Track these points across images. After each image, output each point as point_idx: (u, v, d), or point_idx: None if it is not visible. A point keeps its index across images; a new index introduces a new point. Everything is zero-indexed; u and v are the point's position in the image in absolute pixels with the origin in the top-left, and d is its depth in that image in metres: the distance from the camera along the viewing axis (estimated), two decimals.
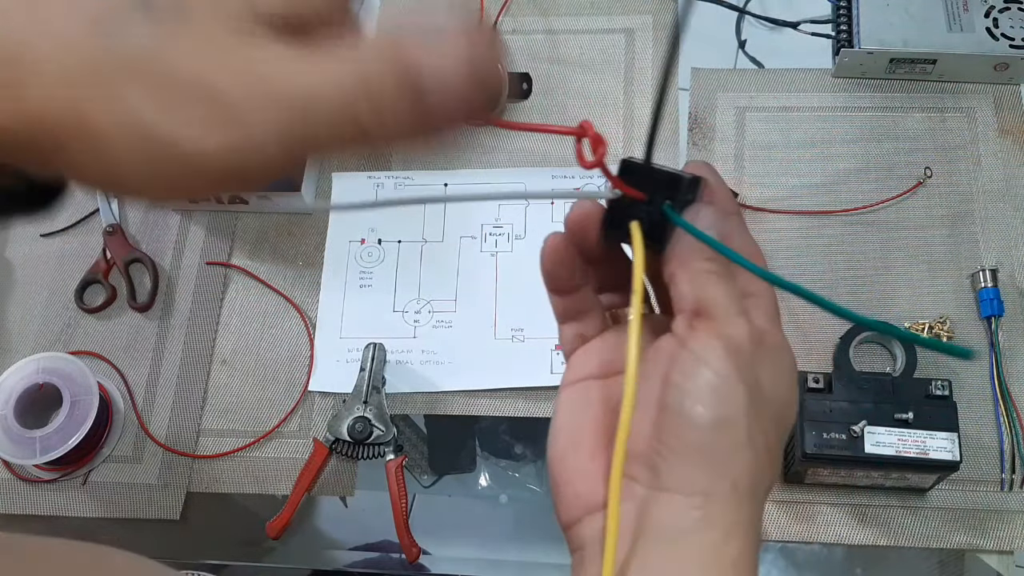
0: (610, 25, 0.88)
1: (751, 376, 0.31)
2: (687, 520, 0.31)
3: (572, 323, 0.38)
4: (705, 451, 0.31)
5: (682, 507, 0.31)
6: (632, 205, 0.34)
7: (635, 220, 0.33)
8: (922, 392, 0.64)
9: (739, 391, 0.31)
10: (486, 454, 0.74)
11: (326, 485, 0.73)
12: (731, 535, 0.30)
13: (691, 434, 0.31)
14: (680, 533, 0.31)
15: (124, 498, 0.73)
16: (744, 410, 0.31)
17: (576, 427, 0.35)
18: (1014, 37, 0.78)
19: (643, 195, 0.33)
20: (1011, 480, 0.68)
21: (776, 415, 0.33)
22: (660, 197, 0.33)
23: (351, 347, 0.76)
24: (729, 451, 0.31)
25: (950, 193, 0.78)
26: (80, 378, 0.71)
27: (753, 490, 0.31)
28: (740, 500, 0.31)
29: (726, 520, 0.31)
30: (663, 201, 0.33)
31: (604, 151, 0.32)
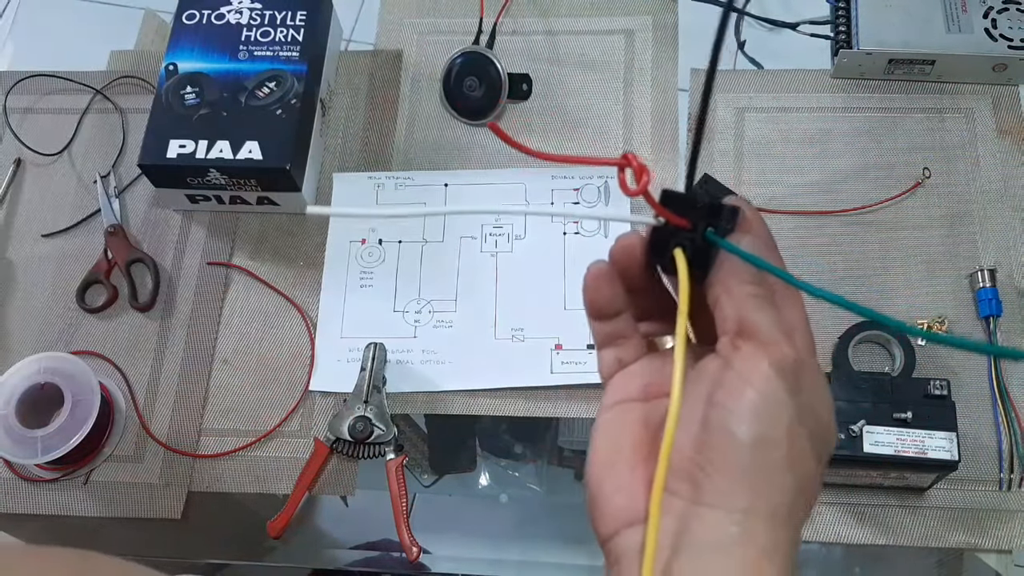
0: (610, 26, 0.88)
1: (794, 399, 0.32)
2: (726, 535, 0.31)
3: (611, 348, 0.39)
4: (747, 470, 0.31)
5: (722, 522, 0.31)
6: (674, 232, 0.35)
7: (678, 247, 0.35)
8: (921, 392, 0.64)
9: (783, 412, 0.32)
10: (486, 454, 0.75)
11: (327, 484, 0.73)
12: (770, 554, 0.31)
13: (733, 452, 0.31)
14: (718, 548, 0.31)
15: (125, 497, 0.73)
16: (786, 431, 0.32)
17: (616, 446, 0.36)
18: (1012, 38, 0.79)
19: (686, 222, 0.35)
20: (1009, 479, 0.68)
21: (817, 439, 0.33)
22: (702, 224, 0.35)
23: (352, 347, 0.76)
24: (770, 471, 0.31)
25: (948, 193, 0.78)
26: (81, 378, 0.71)
27: (791, 514, 0.32)
28: (781, 520, 0.31)
29: (765, 539, 0.31)
30: (705, 228, 0.34)
31: (648, 181, 0.34)
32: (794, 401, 0.32)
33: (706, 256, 0.35)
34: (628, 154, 0.34)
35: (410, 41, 0.90)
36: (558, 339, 0.75)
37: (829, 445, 0.35)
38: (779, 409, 0.32)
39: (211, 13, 0.83)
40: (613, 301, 0.38)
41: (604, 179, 0.80)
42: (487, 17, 0.88)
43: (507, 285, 0.78)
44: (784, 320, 0.33)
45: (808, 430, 0.33)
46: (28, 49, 0.95)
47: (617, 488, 0.35)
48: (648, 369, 0.38)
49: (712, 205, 0.35)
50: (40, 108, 0.89)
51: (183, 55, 0.81)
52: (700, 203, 0.35)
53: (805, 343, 0.34)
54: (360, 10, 0.94)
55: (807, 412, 0.33)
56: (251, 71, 0.80)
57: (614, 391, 0.38)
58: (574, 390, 0.74)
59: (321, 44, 0.84)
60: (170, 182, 0.79)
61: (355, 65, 0.89)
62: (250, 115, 0.78)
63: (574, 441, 0.74)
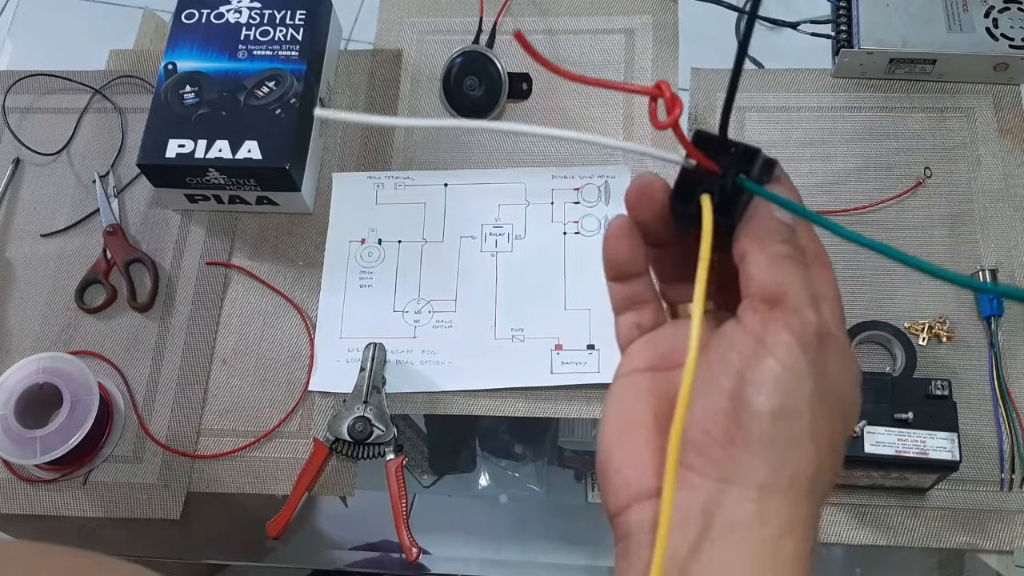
0: (610, 25, 0.88)
1: (818, 370, 0.30)
2: (743, 513, 0.30)
3: (629, 312, 0.37)
4: (766, 442, 0.30)
5: (739, 499, 0.30)
6: (704, 178, 0.32)
7: (706, 193, 0.32)
8: (922, 392, 0.64)
9: (805, 383, 0.30)
10: (486, 454, 0.75)
11: (326, 485, 0.73)
12: (787, 533, 0.30)
13: (752, 424, 0.30)
14: (735, 527, 0.30)
15: (124, 498, 0.73)
16: (808, 403, 0.30)
17: (629, 416, 0.35)
18: (1014, 37, 0.78)
19: (716, 167, 0.32)
20: (1011, 480, 0.68)
21: (841, 413, 0.32)
22: (733, 170, 0.32)
23: (351, 347, 0.76)
24: (790, 444, 0.30)
25: (950, 193, 0.78)
26: (80, 378, 0.71)
27: (812, 488, 0.30)
28: (799, 496, 0.30)
29: (782, 517, 0.30)
30: (736, 174, 0.32)
31: (679, 113, 0.32)
32: (817, 372, 0.30)
33: (734, 206, 0.32)
34: (662, 82, 0.32)
35: (410, 40, 0.90)
36: (558, 339, 0.75)
37: (852, 419, 0.33)
38: (801, 381, 0.30)
39: (210, 12, 0.83)
40: (634, 259, 0.35)
41: (604, 179, 0.80)
42: (487, 16, 0.88)
43: (507, 285, 0.77)
44: (813, 286, 0.32)
45: (831, 402, 0.31)
46: (27, 48, 0.95)
47: (628, 460, 0.34)
48: (668, 337, 0.36)
49: (747, 150, 0.32)
50: (39, 107, 0.89)
51: (182, 54, 0.81)
52: (733, 148, 0.32)
53: (833, 313, 0.33)
54: (360, 9, 0.94)
55: (831, 384, 0.31)
56: (250, 70, 0.80)
57: (631, 359, 0.37)
58: (574, 390, 0.73)
59: (321, 43, 0.84)
60: (169, 182, 0.79)
61: (355, 64, 0.89)
62: (249, 115, 0.78)
63: (574, 441, 0.74)
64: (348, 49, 0.91)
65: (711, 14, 0.87)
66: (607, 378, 0.72)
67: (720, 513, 0.30)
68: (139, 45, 0.92)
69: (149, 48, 0.91)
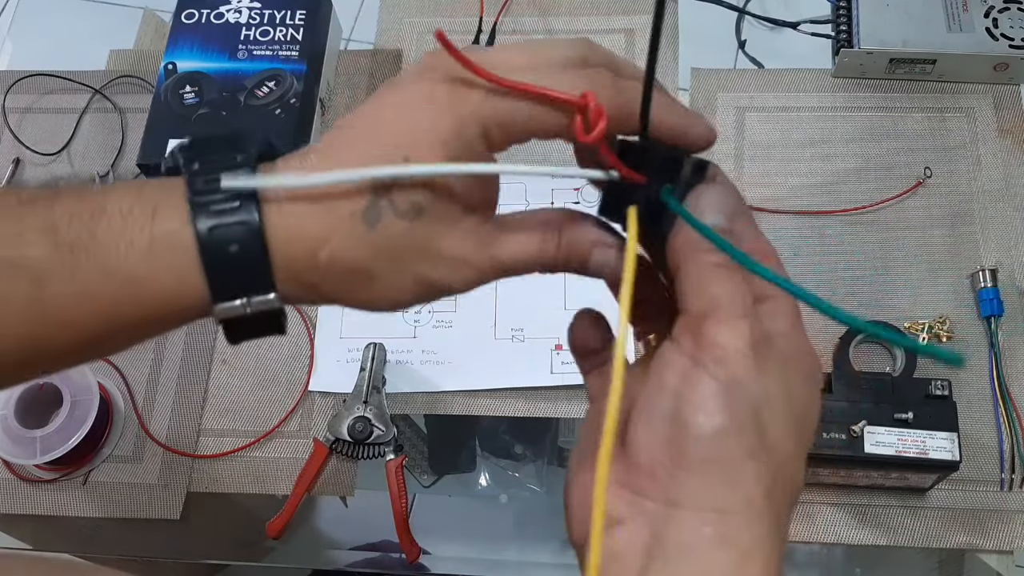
0: (610, 25, 0.88)
1: (759, 382, 0.29)
2: (700, 538, 0.29)
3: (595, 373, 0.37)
4: (712, 463, 0.29)
5: (694, 524, 0.29)
6: (630, 189, 0.32)
7: (632, 205, 0.31)
8: (922, 392, 0.64)
9: (745, 396, 0.29)
10: (486, 454, 0.75)
11: (326, 485, 0.73)
12: (750, 554, 0.29)
13: (695, 445, 0.29)
14: (693, 552, 0.29)
15: (124, 498, 0.73)
16: (752, 416, 0.29)
17: (584, 449, 0.34)
18: (1014, 37, 0.78)
19: (642, 178, 0.31)
20: (1011, 480, 0.68)
21: (795, 420, 0.31)
22: (661, 179, 0.31)
23: (351, 347, 0.76)
24: (738, 462, 0.29)
25: (950, 193, 0.78)
26: (80, 378, 0.71)
27: (772, 502, 0.29)
28: (758, 514, 0.29)
29: (744, 538, 0.29)
30: (664, 184, 0.31)
31: (604, 127, 0.30)
32: (760, 381, 0.29)
33: (664, 216, 0.31)
34: (589, 92, 0.30)
35: (410, 40, 0.90)
36: (558, 339, 0.75)
37: (810, 419, 0.32)
38: (741, 394, 0.29)
39: (210, 12, 0.83)
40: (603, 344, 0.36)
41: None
42: (487, 16, 0.88)
43: (507, 285, 0.77)
44: (749, 291, 0.31)
45: (780, 410, 0.30)
46: (27, 48, 0.95)
47: (586, 490, 0.32)
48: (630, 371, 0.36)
49: (673, 158, 0.31)
50: (39, 107, 0.89)
51: (182, 54, 0.81)
52: (661, 153, 0.31)
53: (784, 313, 0.32)
54: (360, 9, 0.94)
55: (779, 390, 0.30)
56: (250, 70, 0.80)
57: (592, 391, 0.37)
58: (574, 390, 0.73)
59: (321, 43, 0.84)
60: None
61: (355, 64, 0.89)
62: (249, 114, 0.78)
63: (574, 441, 0.74)
64: (348, 49, 0.91)
65: (711, 14, 0.87)
66: None
67: (677, 538, 0.29)
68: (139, 45, 0.92)
69: (149, 48, 0.91)
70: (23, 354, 0.32)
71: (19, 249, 0.31)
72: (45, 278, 0.31)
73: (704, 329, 0.30)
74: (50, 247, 0.31)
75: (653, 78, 0.30)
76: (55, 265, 0.31)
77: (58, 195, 0.32)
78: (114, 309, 0.32)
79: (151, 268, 0.31)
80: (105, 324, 0.32)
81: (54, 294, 0.31)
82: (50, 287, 0.31)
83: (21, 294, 0.31)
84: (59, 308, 0.31)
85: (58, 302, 0.31)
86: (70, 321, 0.31)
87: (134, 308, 0.32)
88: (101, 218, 0.31)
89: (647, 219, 0.31)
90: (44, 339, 0.32)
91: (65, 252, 0.31)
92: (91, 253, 0.31)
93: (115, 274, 0.31)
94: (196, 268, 0.31)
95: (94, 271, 0.31)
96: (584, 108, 0.30)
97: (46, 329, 0.31)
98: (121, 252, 0.31)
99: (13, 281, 0.30)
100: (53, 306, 0.31)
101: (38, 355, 0.32)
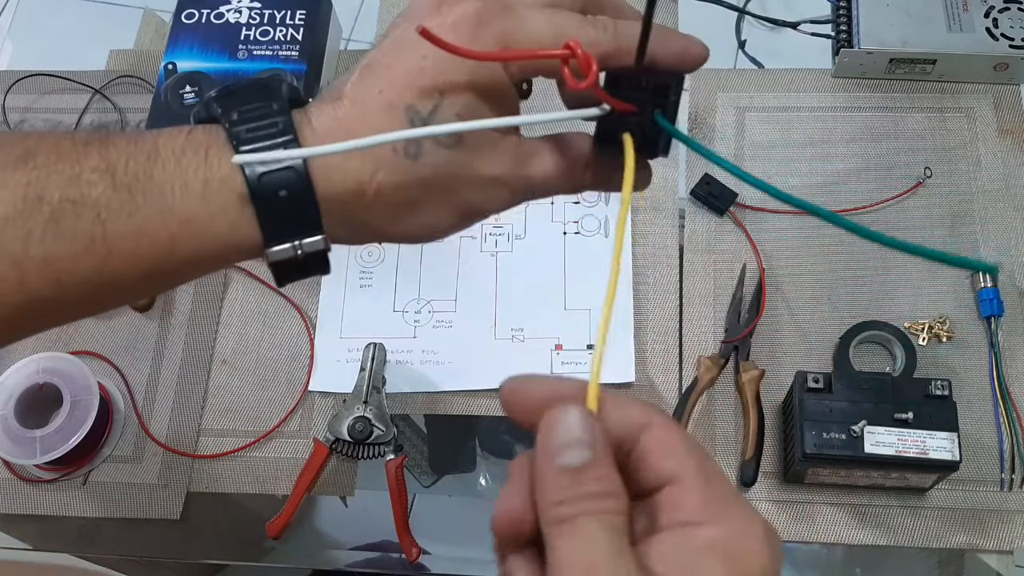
0: None
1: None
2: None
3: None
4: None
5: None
6: (621, 119, 0.34)
7: (626, 132, 0.33)
8: (922, 392, 0.64)
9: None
10: (486, 454, 0.75)
11: (326, 485, 0.73)
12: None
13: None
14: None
15: (124, 498, 0.73)
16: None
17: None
18: (1014, 37, 0.78)
19: (632, 107, 0.33)
20: (1011, 480, 0.68)
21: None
22: (650, 107, 0.33)
23: (351, 347, 0.76)
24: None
25: (950, 193, 0.78)
26: (80, 378, 0.71)
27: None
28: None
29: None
30: (653, 110, 0.33)
31: (596, 73, 0.32)
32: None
33: (656, 142, 0.34)
34: (571, 41, 0.32)
35: None
36: (558, 339, 0.75)
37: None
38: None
39: (210, 12, 0.83)
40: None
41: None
42: None
43: (507, 285, 0.77)
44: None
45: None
46: (27, 48, 0.95)
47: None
48: None
49: (658, 85, 0.34)
50: (39, 107, 0.89)
51: (182, 54, 0.81)
52: (646, 85, 0.34)
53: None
54: (360, 9, 0.94)
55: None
56: (250, 70, 0.80)
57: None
58: None
59: (321, 43, 0.84)
60: None
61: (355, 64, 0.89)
62: None
63: None
64: (348, 49, 0.91)
65: (711, 14, 0.87)
66: (607, 378, 0.73)
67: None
68: (139, 45, 0.92)
69: (149, 48, 0.91)
70: (90, 289, 0.33)
71: (81, 189, 0.32)
72: (106, 216, 0.32)
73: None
74: (109, 187, 0.32)
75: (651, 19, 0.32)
76: (115, 204, 0.32)
77: (111, 138, 0.33)
78: (171, 246, 0.33)
79: (205, 210, 0.33)
80: (163, 261, 0.33)
81: (115, 232, 0.32)
82: (111, 225, 0.32)
83: (86, 232, 0.32)
84: (121, 245, 0.33)
85: (119, 239, 0.32)
86: (131, 257, 0.33)
87: (190, 247, 0.33)
88: (156, 160, 0.33)
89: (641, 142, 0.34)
90: (109, 274, 0.33)
91: (124, 192, 0.32)
92: (148, 194, 0.33)
93: (171, 214, 0.33)
94: (248, 212, 0.33)
95: (152, 211, 0.33)
96: (571, 57, 0.32)
97: (110, 264, 0.33)
98: (176, 194, 0.33)
99: (78, 219, 0.32)
100: (115, 243, 0.33)
101: (104, 289, 0.34)
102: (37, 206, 0.32)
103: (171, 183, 0.33)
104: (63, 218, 0.32)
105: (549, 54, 0.33)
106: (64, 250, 0.32)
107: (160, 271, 0.34)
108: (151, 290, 0.36)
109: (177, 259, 0.34)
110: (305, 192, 0.33)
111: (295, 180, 0.33)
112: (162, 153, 0.33)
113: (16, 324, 0.34)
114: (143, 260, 0.33)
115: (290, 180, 0.33)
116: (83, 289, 0.33)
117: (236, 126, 0.34)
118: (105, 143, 0.33)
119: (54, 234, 0.32)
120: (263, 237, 0.34)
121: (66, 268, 0.32)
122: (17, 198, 0.32)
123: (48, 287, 0.32)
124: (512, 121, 0.35)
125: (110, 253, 0.33)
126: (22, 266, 0.32)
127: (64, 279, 0.33)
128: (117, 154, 0.33)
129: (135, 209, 0.32)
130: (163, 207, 0.33)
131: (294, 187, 0.33)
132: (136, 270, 0.33)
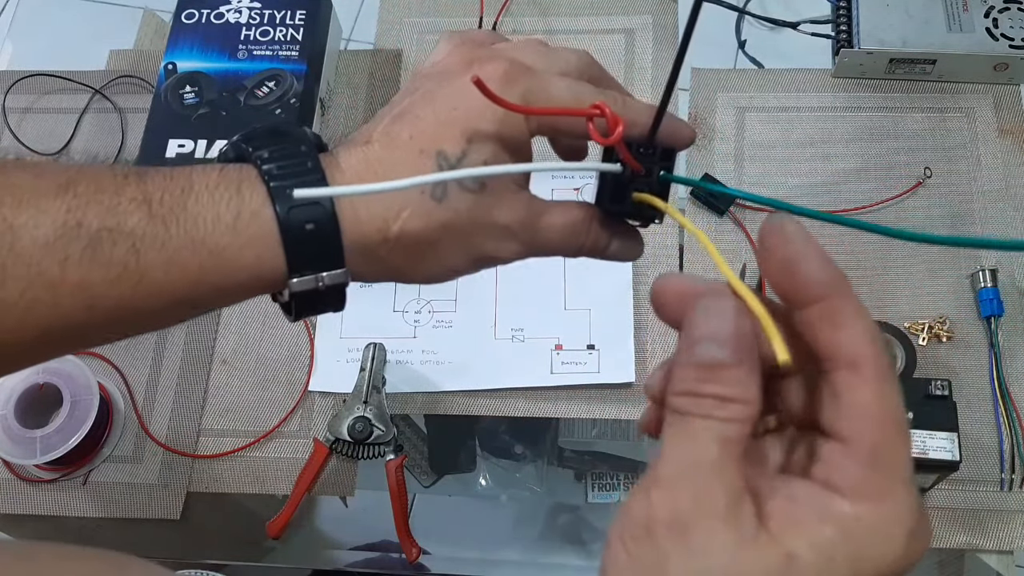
0: (610, 25, 0.88)
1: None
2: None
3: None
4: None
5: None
6: (631, 178, 0.37)
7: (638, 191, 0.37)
8: (922, 392, 0.64)
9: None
10: (486, 454, 0.75)
11: (326, 485, 0.73)
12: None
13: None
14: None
15: (124, 498, 0.73)
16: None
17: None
18: (1014, 37, 0.78)
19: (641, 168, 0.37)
20: (1011, 480, 0.68)
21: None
22: (657, 168, 0.37)
23: (351, 347, 0.76)
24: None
25: (950, 193, 0.78)
26: (80, 378, 0.71)
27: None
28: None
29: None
30: (660, 172, 0.37)
31: (622, 130, 0.35)
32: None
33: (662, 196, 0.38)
34: (601, 102, 0.35)
35: (410, 40, 0.90)
36: (558, 339, 0.75)
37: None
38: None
39: (210, 12, 0.83)
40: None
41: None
42: (487, 16, 0.88)
43: (507, 285, 0.77)
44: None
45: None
46: (27, 48, 0.95)
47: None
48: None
49: (666, 150, 0.37)
50: (39, 108, 0.89)
51: (182, 54, 0.81)
52: (654, 151, 0.37)
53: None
54: (360, 9, 0.94)
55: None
56: (250, 70, 0.80)
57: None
58: (574, 390, 0.73)
59: (321, 43, 0.84)
60: None
61: (355, 64, 0.89)
62: (249, 114, 0.78)
63: (574, 441, 0.74)
64: (348, 49, 0.91)
65: (711, 14, 0.87)
66: (607, 378, 0.73)
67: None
68: (139, 45, 0.92)
69: (149, 48, 0.91)
70: (119, 315, 0.35)
71: (118, 218, 0.33)
72: (141, 245, 0.33)
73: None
74: (145, 217, 0.34)
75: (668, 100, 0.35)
76: (149, 234, 0.34)
77: (148, 173, 0.35)
78: (200, 276, 0.35)
79: (235, 241, 0.34)
80: (191, 290, 0.35)
81: (148, 260, 0.34)
82: (145, 254, 0.34)
83: (121, 259, 0.33)
84: (152, 274, 0.34)
85: (151, 268, 0.34)
86: (161, 285, 0.34)
87: (218, 277, 0.35)
88: (190, 193, 0.34)
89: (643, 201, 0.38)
90: (138, 300, 0.34)
91: (159, 223, 0.34)
92: (182, 224, 0.34)
93: (202, 244, 0.34)
94: (276, 244, 0.35)
95: (184, 240, 0.34)
96: (599, 116, 0.35)
97: (140, 291, 0.34)
98: (208, 225, 0.34)
99: (115, 247, 0.33)
100: (147, 271, 0.34)
101: (132, 316, 0.35)
102: (76, 232, 0.33)
103: (204, 215, 0.34)
104: (100, 245, 0.33)
105: (583, 112, 0.35)
106: (99, 276, 0.33)
107: (187, 300, 0.35)
108: (175, 319, 0.37)
109: (204, 289, 0.35)
110: (331, 227, 0.35)
111: (322, 215, 0.35)
112: (196, 187, 0.35)
113: (44, 345, 0.35)
114: (172, 288, 0.35)
115: (318, 215, 0.35)
116: (113, 315, 0.34)
117: (267, 163, 0.35)
118: (143, 176, 0.35)
119: (91, 260, 0.33)
120: (287, 268, 0.35)
121: (99, 293, 0.33)
122: (57, 224, 0.33)
123: (81, 311, 0.33)
124: (538, 167, 0.38)
125: (141, 281, 0.34)
126: (57, 289, 0.33)
127: (96, 304, 0.34)
128: (154, 187, 0.34)
129: (168, 239, 0.34)
130: (195, 237, 0.34)
131: (321, 222, 0.35)
132: (164, 298, 0.35)
